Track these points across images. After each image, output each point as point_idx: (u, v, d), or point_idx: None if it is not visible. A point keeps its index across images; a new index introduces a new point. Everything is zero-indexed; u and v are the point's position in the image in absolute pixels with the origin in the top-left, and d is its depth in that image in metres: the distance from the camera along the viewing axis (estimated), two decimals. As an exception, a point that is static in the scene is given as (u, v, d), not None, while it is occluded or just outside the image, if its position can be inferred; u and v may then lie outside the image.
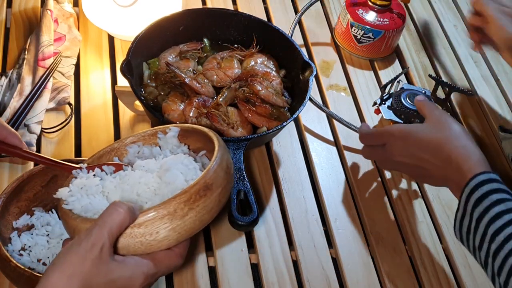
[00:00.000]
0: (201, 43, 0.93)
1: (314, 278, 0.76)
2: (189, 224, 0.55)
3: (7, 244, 0.67)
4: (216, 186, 0.57)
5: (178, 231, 0.55)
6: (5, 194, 0.68)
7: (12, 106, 0.84)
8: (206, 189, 0.56)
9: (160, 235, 0.54)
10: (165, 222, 0.54)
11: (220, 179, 0.58)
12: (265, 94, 0.85)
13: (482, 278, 0.80)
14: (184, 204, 0.54)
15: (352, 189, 0.87)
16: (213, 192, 0.57)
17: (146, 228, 0.54)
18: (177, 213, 0.54)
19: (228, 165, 0.60)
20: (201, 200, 0.55)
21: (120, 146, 0.69)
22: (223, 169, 0.59)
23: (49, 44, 0.91)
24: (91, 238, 0.51)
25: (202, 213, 0.56)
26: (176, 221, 0.54)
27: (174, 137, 0.68)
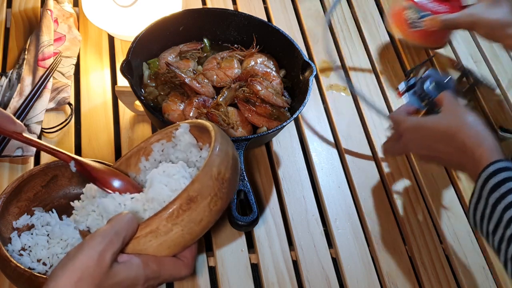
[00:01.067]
0: (201, 43, 0.93)
1: (314, 278, 0.76)
2: (177, 238, 0.54)
3: (7, 244, 0.67)
4: (202, 197, 0.54)
5: (168, 246, 0.54)
6: (5, 194, 0.68)
7: (12, 106, 0.84)
8: (189, 202, 0.53)
9: (149, 249, 0.54)
10: (150, 239, 0.53)
11: (207, 188, 0.55)
12: (265, 94, 0.85)
13: (482, 278, 0.80)
14: (167, 221, 0.53)
15: (352, 189, 0.87)
16: (199, 204, 0.54)
17: (134, 245, 0.54)
18: (160, 230, 0.53)
19: (220, 171, 0.56)
20: (185, 214, 0.53)
21: (147, 145, 0.69)
22: (211, 177, 0.55)
23: (49, 44, 0.91)
24: (106, 241, 0.50)
25: (189, 226, 0.54)
26: (161, 238, 0.53)
27: (185, 134, 0.66)
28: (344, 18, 1.10)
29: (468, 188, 0.89)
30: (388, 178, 0.88)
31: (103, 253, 0.50)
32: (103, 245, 0.50)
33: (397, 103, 0.98)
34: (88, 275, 0.49)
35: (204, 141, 0.67)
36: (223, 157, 0.58)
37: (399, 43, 1.08)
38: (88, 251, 0.50)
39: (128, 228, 0.53)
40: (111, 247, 0.50)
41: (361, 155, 0.91)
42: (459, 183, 0.90)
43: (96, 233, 0.52)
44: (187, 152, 0.67)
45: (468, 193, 0.89)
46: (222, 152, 0.58)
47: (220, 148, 0.58)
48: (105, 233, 0.51)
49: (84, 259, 0.49)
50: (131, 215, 0.54)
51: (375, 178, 0.88)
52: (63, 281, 0.48)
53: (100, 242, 0.50)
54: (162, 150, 0.69)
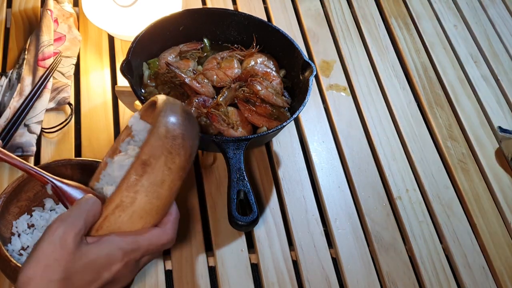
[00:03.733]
0: (201, 43, 0.93)
1: (314, 278, 0.76)
2: (146, 206, 0.53)
3: (7, 244, 0.67)
4: (155, 158, 0.53)
5: (140, 216, 0.54)
6: (5, 194, 0.68)
7: (12, 106, 0.83)
8: (143, 166, 0.53)
9: (123, 226, 0.53)
10: (119, 215, 0.53)
11: (158, 148, 0.54)
12: (265, 94, 0.85)
13: (482, 278, 0.80)
14: (127, 191, 0.52)
15: (352, 189, 0.87)
16: (154, 165, 0.53)
17: (108, 226, 0.53)
18: (124, 201, 0.53)
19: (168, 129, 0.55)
20: (142, 179, 0.53)
21: (117, 146, 0.68)
22: (160, 136, 0.54)
23: (49, 44, 0.91)
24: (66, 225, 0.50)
25: (153, 189, 0.53)
26: (129, 209, 0.53)
27: (137, 122, 0.65)
28: (344, 18, 1.11)
29: (468, 188, 0.89)
30: (388, 178, 0.88)
31: (64, 236, 0.50)
32: (62, 228, 0.50)
33: (397, 103, 0.98)
34: (54, 260, 0.49)
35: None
36: (169, 115, 0.57)
37: (400, 43, 1.08)
38: (48, 237, 0.50)
39: (89, 209, 0.52)
40: (72, 229, 0.50)
41: (361, 155, 0.91)
42: (459, 183, 0.90)
43: (55, 219, 0.52)
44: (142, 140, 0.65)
45: (468, 193, 0.89)
46: (167, 112, 0.57)
47: (165, 109, 0.57)
48: (64, 217, 0.51)
49: (46, 246, 0.49)
50: (92, 196, 0.54)
51: (375, 178, 0.88)
52: (30, 271, 0.48)
53: (59, 226, 0.50)
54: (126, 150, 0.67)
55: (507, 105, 1.02)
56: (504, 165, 0.93)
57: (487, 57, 1.09)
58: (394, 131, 0.95)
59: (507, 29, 1.15)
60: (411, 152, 0.92)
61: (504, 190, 0.90)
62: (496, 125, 0.97)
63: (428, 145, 0.94)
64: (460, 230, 0.84)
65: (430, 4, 1.18)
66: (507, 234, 0.85)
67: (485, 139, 0.96)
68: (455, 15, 1.17)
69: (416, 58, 1.07)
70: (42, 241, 0.50)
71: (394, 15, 1.14)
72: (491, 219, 0.86)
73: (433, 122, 0.97)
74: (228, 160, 0.74)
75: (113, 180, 0.63)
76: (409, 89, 1.02)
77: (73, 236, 0.50)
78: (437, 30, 1.13)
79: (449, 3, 1.19)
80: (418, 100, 1.01)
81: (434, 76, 1.05)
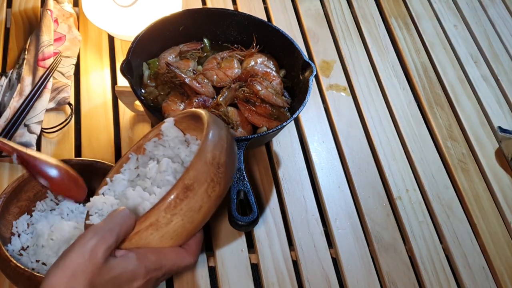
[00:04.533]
0: (201, 43, 0.93)
1: (314, 278, 0.76)
2: (178, 228, 0.54)
3: (7, 244, 0.67)
4: (199, 184, 0.53)
5: (170, 237, 0.54)
6: (5, 194, 0.68)
7: (12, 106, 0.83)
8: (186, 190, 0.53)
9: (152, 243, 0.54)
10: (151, 232, 0.53)
11: (203, 174, 0.54)
12: (265, 94, 0.85)
13: (482, 278, 0.80)
14: (165, 212, 0.52)
15: (352, 189, 0.87)
16: (196, 192, 0.53)
17: (137, 241, 0.53)
18: (159, 221, 0.53)
19: (215, 156, 0.55)
20: (182, 203, 0.53)
21: (143, 143, 0.68)
22: (206, 162, 0.54)
23: (49, 44, 0.91)
24: (98, 237, 0.50)
25: (189, 215, 0.53)
26: (162, 230, 0.53)
27: (171, 128, 0.65)
28: (344, 18, 1.11)
29: (468, 188, 0.89)
30: (388, 178, 0.88)
31: (95, 249, 0.50)
32: (95, 241, 0.50)
33: (397, 103, 0.98)
34: (81, 271, 0.49)
35: (194, 132, 0.65)
36: (216, 141, 0.57)
37: (400, 43, 1.08)
38: (79, 248, 0.50)
39: (122, 223, 0.52)
40: (104, 242, 0.50)
41: (361, 155, 0.91)
42: (459, 183, 0.90)
43: (89, 229, 0.52)
44: (175, 148, 0.66)
45: (468, 193, 0.89)
46: (215, 137, 0.57)
47: (213, 133, 0.57)
48: (97, 229, 0.51)
49: (75, 256, 0.49)
50: (127, 210, 0.54)
51: (375, 178, 0.88)
52: (56, 279, 0.49)
53: (92, 238, 0.50)
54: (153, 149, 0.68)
55: (507, 105, 1.02)
56: (504, 165, 0.93)
57: (487, 57, 1.09)
58: (394, 131, 0.95)
59: (507, 29, 1.15)
60: (411, 152, 0.92)
61: (504, 190, 0.90)
62: (496, 125, 0.97)
63: (428, 145, 0.94)
64: (460, 230, 0.84)
65: (430, 4, 1.18)
66: (507, 234, 0.85)
67: (485, 139, 0.96)
68: (455, 15, 1.17)
69: (416, 58, 1.07)
70: (72, 250, 0.50)
71: (394, 15, 1.14)
72: (491, 219, 0.86)
73: (433, 122, 0.97)
74: (228, 160, 0.74)
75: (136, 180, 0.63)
76: (409, 89, 1.02)
77: (103, 250, 0.50)
78: (437, 30, 1.13)
79: (449, 3, 1.19)
80: (418, 100, 1.01)
81: (434, 76, 1.05)
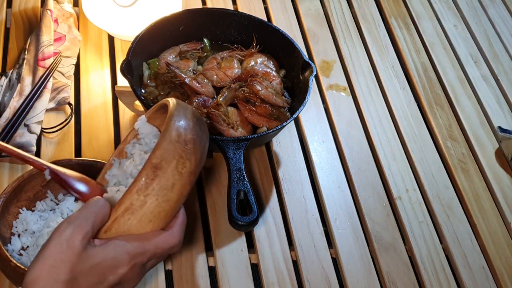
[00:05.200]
0: (201, 43, 0.93)
1: (314, 278, 0.76)
2: (155, 209, 0.53)
3: (7, 244, 0.67)
4: (167, 162, 0.53)
5: (149, 220, 0.54)
6: (5, 194, 0.68)
7: (12, 106, 0.83)
8: (155, 170, 0.53)
9: (132, 228, 0.54)
10: (128, 217, 0.53)
11: (170, 152, 0.54)
12: (265, 94, 0.85)
13: (482, 278, 0.80)
14: (137, 194, 0.52)
15: (352, 189, 0.87)
16: (166, 170, 0.53)
17: (116, 229, 0.54)
18: (134, 204, 0.53)
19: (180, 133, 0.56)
20: (153, 182, 0.53)
21: (123, 147, 0.68)
22: (171, 141, 0.55)
23: (49, 44, 0.91)
24: (73, 226, 0.51)
25: (163, 193, 0.53)
26: (138, 213, 0.53)
27: (144, 125, 0.65)
28: (344, 18, 1.11)
29: (468, 188, 0.89)
30: (388, 178, 0.88)
31: (71, 238, 0.50)
32: (70, 230, 0.51)
33: (397, 103, 0.98)
34: (60, 261, 0.49)
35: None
36: (181, 119, 0.57)
37: (400, 43, 1.08)
38: (56, 239, 0.50)
39: (97, 212, 0.53)
40: (80, 230, 0.51)
41: (361, 155, 0.91)
42: (459, 183, 0.90)
43: (63, 220, 0.52)
44: (151, 143, 0.65)
45: (468, 193, 0.89)
46: (179, 116, 0.57)
47: (177, 113, 0.58)
48: (72, 219, 0.52)
49: (53, 247, 0.50)
50: (101, 199, 0.54)
51: (375, 178, 0.88)
52: (37, 271, 0.49)
53: (67, 228, 0.51)
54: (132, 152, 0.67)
55: (507, 105, 1.02)
56: (504, 165, 0.93)
57: (487, 57, 1.09)
58: (394, 131, 0.95)
59: (507, 29, 1.15)
60: (411, 152, 0.92)
61: (504, 190, 0.90)
62: (496, 125, 0.97)
63: (428, 145, 0.94)
64: (460, 230, 0.84)
65: (430, 4, 1.18)
66: (507, 234, 0.85)
67: (485, 139, 0.96)
68: (455, 15, 1.17)
69: (416, 58, 1.07)
70: (49, 242, 0.50)
71: (394, 15, 1.14)
72: (491, 219, 0.86)
73: (433, 122, 0.97)
74: (228, 160, 0.74)
75: (119, 181, 0.63)
76: (409, 89, 1.02)
77: (80, 238, 0.50)
78: (437, 30, 1.13)
79: (449, 3, 1.19)
80: (418, 100, 1.01)
81: (434, 76, 1.05)
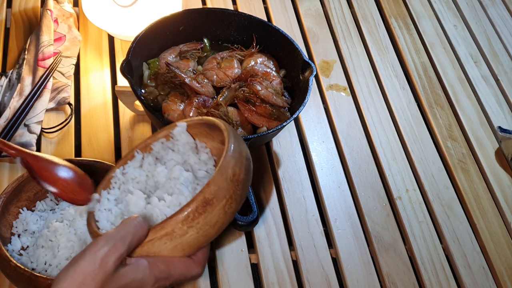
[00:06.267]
0: (201, 43, 0.93)
1: (314, 278, 0.76)
2: (192, 241, 0.53)
3: (7, 244, 0.67)
4: (218, 200, 0.53)
5: (182, 248, 0.53)
6: (5, 194, 0.68)
7: (12, 106, 0.83)
8: (205, 205, 0.52)
9: (163, 251, 0.53)
10: (164, 242, 0.53)
11: (223, 191, 0.53)
12: (265, 94, 0.85)
13: (482, 278, 0.80)
14: (182, 224, 0.52)
15: (352, 189, 0.87)
16: (215, 207, 0.53)
17: (149, 248, 0.53)
18: (175, 232, 0.52)
19: (235, 172, 0.55)
20: (200, 217, 0.52)
21: (150, 143, 0.66)
22: (227, 179, 0.54)
23: (49, 44, 0.91)
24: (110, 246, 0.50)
25: (205, 228, 0.53)
26: (176, 240, 0.53)
27: (182, 133, 0.64)
28: (344, 18, 1.11)
29: (468, 188, 0.89)
30: (388, 178, 0.88)
31: (105, 258, 0.50)
32: (106, 249, 0.50)
33: (397, 103, 0.98)
34: (90, 279, 0.49)
35: (205, 139, 0.65)
36: (237, 157, 0.56)
37: (400, 43, 1.08)
38: (90, 255, 0.50)
39: (135, 232, 0.52)
40: (115, 251, 0.50)
41: (361, 155, 0.91)
42: (459, 183, 0.90)
43: (101, 237, 0.51)
44: (184, 154, 0.64)
45: (468, 193, 0.89)
46: (236, 152, 0.56)
47: (235, 148, 0.56)
48: (109, 237, 0.51)
49: (86, 264, 0.49)
50: (140, 219, 0.53)
51: (375, 178, 0.88)
52: (66, 285, 0.48)
53: (103, 246, 0.50)
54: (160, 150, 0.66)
55: (507, 105, 1.02)
56: (504, 165, 0.93)
57: (487, 57, 1.09)
58: (394, 131, 0.95)
59: (507, 29, 1.15)
60: (411, 152, 0.92)
61: (504, 190, 0.90)
62: (496, 125, 0.97)
63: (428, 145, 0.94)
64: (460, 230, 0.84)
65: (430, 4, 1.18)
66: (507, 234, 0.85)
67: (485, 139, 0.96)
68: (455, 15, 1.17)
69: (416, 58, 1.07)
70: (83, 257, 0.50)
71: (394, 15, 1.14)
72: (491, 219, 0.86)
73: (433, 122, 0.97)
74: (228, 160, 0.74)
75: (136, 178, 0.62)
76: (409, 89, 1.02)
77: (114, 258, 0.50)
78: (437, 30, 1.13)
79: (449, 3, 1.19)
80: (418, 100, 1.01)
81: (434, 76, 1.05)
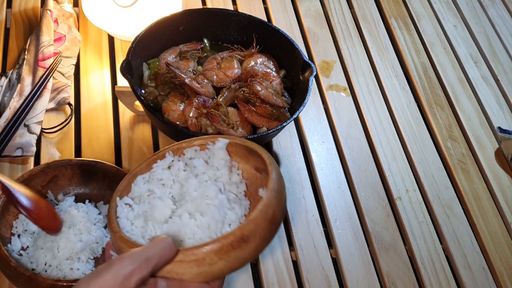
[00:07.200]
0: (201, 43, 0.93)
1: (314, 278, 0.76)
2: (217, 271, 0.52)
3: (7, 244, 0.67)
4: (254, 239, 0.51)
5: (205, 276, 0.52)
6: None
7: (12, 106, 0.83)
8: (241, 241, 0.51)
9: (186, 275, 0.52)
10: (191, 266, 0.52)
11: (261, 231, 0.52)
12: (265, 95, 0.85)
13: (482, 278, 0.80)
14: (215, 254, 0.51)
15: (352, 189, 0.87)
16: (249, 245, 0.51)
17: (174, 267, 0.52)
18: (205, 261, 0.51)
19: (275, 213, 0.53)
20: (234, 252, 0.51)
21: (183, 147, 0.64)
22: (266, 219, 0.52)
23: (49, 44, 0.91)
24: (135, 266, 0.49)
25: (233, 263, 0.52)
26: (203, 268, 0.51)
27: (221, 150, 0.62)
28: (344, 18, 1.11)
29: (468, 188, 0.89)
30: (388, 178, 0.88)
31: (128, 277, 0.49)
32: (130, 268, 0.49)
33: (397, 103, 0.98)
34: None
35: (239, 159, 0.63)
36: (279, 198, 0.54)
37: (400, 43, 1.08)
38: (114, 272, 0.49)
39: (162, 255, 0.51)
40: (139, 272, 0.49)
41: (361, 155, 0.91)
42: (459, 183, 0.90)
43: (127, 254, 0.50)
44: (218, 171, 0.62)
45: (468, 193, 0.89)
46: (279, 193, 0.55)
47: (278, 189, 0.55)
48: (136, 256, 0.50)
49: (109, 278, 0.48)
50: (170, 240, 0.52)
51: (375, 178, 0.88)
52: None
53: (129, 265, 0.49)
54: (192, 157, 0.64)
55: (507, 105, 1.02)
56: (504, 165, 0.93)
57: (487, 57, 1.09)
58: (394, 132, 0.95)
59: (507, 29, 1.15)
60: (411, 152, 0.92)
61: (504, 190, 0.90)
62: (496, 126, 0.97)
63: (428, 145, 0.94)
64: (460, 230, 0.84)
65: (430, 4, 1.18)
66: (507, 234, 0.85)
67: (485, 139, 0.96)
68: (455, 15, 1.17)
69: (416, 58, 1.07)
70: (107, 271, 0.49)
71: (394, 15, 1.14)
72: (491, 219, 0.86)
73: (433, 123, 0.97)
74: (228, 160, 0.74)
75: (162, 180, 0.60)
76: (409, 89, 1.02)
77: (137, 279, 0.49)
78: (437, 30, 1.13)
79: (449, 3, 1.19)
80: (418, 100, 1.01)
81: (434, 76, 1.05)
